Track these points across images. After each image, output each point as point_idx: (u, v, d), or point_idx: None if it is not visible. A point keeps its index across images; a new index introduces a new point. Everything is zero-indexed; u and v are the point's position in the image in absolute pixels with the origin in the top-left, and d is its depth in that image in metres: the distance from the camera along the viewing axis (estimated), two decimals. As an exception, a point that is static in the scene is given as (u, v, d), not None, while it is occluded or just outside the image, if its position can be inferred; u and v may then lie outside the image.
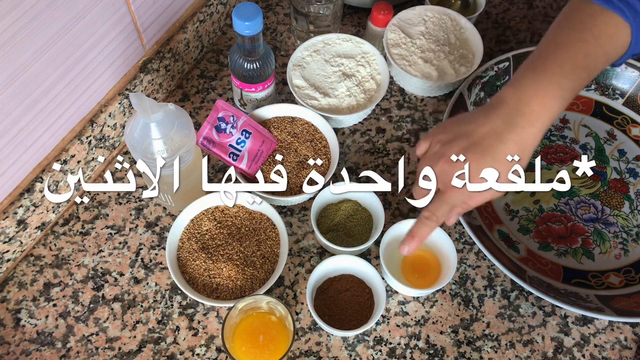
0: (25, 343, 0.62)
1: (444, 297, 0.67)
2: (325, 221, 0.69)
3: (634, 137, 0.79)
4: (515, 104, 0.52)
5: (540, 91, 0.52)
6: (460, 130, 0.54)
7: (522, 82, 0.53)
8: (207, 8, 0.79)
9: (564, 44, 0.53)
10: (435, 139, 0.55)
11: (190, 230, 0.66)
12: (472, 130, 0.53)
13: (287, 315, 0.57)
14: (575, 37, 0.53)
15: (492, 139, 0.51)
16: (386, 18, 0.79)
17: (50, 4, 0.54)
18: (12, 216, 0.61)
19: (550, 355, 0.64)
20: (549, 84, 0.52)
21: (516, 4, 0.93)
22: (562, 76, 0.52)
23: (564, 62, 0.52)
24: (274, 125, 0.73)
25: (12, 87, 0.54)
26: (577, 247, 0.71)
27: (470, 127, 0.53)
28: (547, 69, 0.52)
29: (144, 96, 0.53)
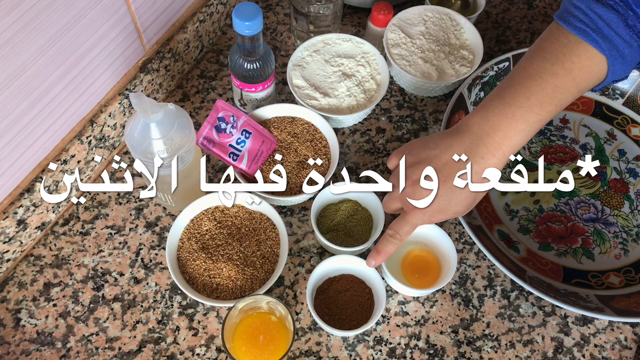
0: (25, 343, 0.62)
1: (444, 297, 0.67)
2: (325, 221, 0.69)
3: (634, 137, 0.79)
4: (478, 133, 0.53)
5: (504, 123, 0.52)
6: (424, 154, 0.55)
7: (488, 111, 0.53)
8: (207, 8, 0.79)
9: (533, 76, 0.52)
10: (402, 160, 0.57)
11: (190, 230, 0.66)
12: (435, 156, 0.54)
13: (287, 315, 0.57)
14: (545, 69, 0.51)
15: (452, 166, 0.53)
16: (386, 18, 0.79)
17: (50, 4, 0.54)
18: (12, 216, 0.61)
19: (550, 355, 0.64)
20: (513, 118, 0.51)
21: (516, 4, 0.93)
22: (528, 110, 0.51)
23: (531, 96, 0.51)
24: (274, 125, 0.73)
25: (12, 87, 0.54)
26: (577, 247, 0.71)
27: (433, 152, 0.55)
28: (514, 102, 0.52)
29: (144, 96, 0.53)
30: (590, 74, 0.52)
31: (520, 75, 0.53)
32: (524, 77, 0.52)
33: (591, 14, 0.50)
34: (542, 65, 0.52)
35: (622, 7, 0.49)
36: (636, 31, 0.49)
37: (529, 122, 0.51)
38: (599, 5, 0.49)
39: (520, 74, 0.53)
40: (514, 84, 0.53)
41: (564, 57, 0.51)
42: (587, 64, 0.51)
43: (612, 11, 0.49)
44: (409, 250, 0.68)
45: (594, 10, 0.49)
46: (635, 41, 0.50)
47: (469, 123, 0.54)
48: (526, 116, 0.51)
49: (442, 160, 0.53)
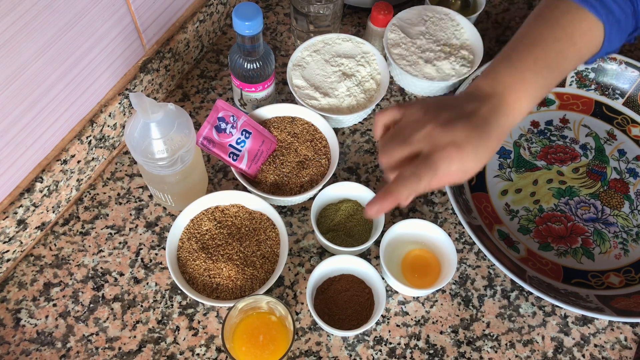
0: (25, 343, 0.62)
1: (444, 297, 0.67)
2: (325, 221, 0.69)
3: (634, 137, 0.79)
4: (492, 94, 0.52)
5: (515, 86, 0.52)
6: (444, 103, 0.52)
7: (498, 75, 0.53)
8: (207, 8, 0.79)
9: (538, 41, 0.53)
10: (415, 107, 0.52)
11: (190, 230, 0.66)
12: (457, 105, 0.52)
13: (287, 315, 0.57)
14: (548, 34, 0.53)
15: (478, 117, 0.51)
16: (386, 18, 0.79)
17: (50, 4, 0.54)
18: (12, 216, 0.61)
19: (550, 355, 0.64)
20: (524, 80, 0.52)
21: (516, 4, 0.93)
22: (537, 73, 0.52)
23: (538, 60, 0.53)
24: (274, 125, 0.73)
25: (12, 87, 0.54)
26: (577, 247, 0.71)
27: (454, 102, 0.52)
28: (522, 65, 0.53)
29: (144, 96, 0.53)
30: (590, 40, 0.54)
31: (523, 41, 0.54)
32: (528, 42, 0.54)
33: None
34: (545, 30, 0.53)
35: None
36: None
37: (537, 86, 0.52)
38: None
39: (524, 39, 0.54)
40: (518, 48, 0.54)
41: (566, 23, 0.53)
42: (587, 29, 0.53)
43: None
44: (409, 250, 0.68)
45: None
46: (629, 8, 0.53)
47: (479, 85, 0.53)
48: (535, 79, 0.52)
49: (467, 109, 0.51)
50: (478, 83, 0.54)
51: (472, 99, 0.52)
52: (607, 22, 0.53)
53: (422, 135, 0.49)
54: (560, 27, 0.53)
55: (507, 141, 0.78)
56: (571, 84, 0.82)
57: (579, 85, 0.82)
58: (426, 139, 0.49)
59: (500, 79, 0.53)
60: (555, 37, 0.53)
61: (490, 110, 0.51)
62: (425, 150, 0.49)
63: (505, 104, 0.52)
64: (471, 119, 0.50)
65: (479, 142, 0.50)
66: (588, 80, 0.81)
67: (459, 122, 0.50)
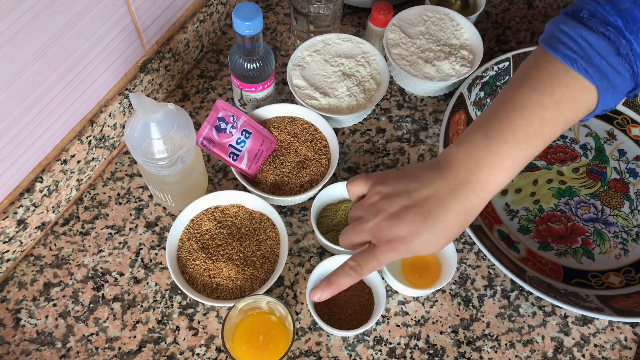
0: (25, 343, 0.62)
1: (444, 297, 0.67)
2: (325, 221, 0.69)
3: (634, 137, 0.79)
4: (462, 170, 0.48)
5: (489, 161, 0.48)
6: (402, 186, 0.50)
7: (472, 147, 0.48)
8: (207, 8, 0.79)
9: (520, 108, 0.47)
10: (375, 189, 0.52)
11: (190, 230, 0.66)
12: (415, 190, 0.49)
13: (287, 315, 0.57)
14: (533, 100, 0.47)
15: (435, 203, 0.48)
16: (386, 18, 0.79)
17: (50, 4, 0.54)
18: (12, 216, 0.61)
19: (550, 355, 0.64)
20: (499, 154, 0.47)
21: (516, 4, 0.93)
22: (515, 145, 0.47)
23: (518, 130, 0.47)
24: (274, 125, 0.73)
25: (12, 87, 0.54)
26: (577, 247, 0.71)
27: (413, 185, 0.50)
28: (499, 137, 0.47)
29: (144, 96, 0.53)
30: (580, 106, 0.48)
31: (505, 106, 0.48)
32: (509, 108, 0.48)
33: (581, 42, 0.46)
34: (530, 95, 0.47)
35: (614, 34, 0.45)
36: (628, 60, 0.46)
37: (515, 159, 0.48)
38: (589, 32, 0.45)
39: (506, 104, 0.49)
40: (499, 116, 0.48)
41: (553, 88, 0.47)
42: (577, 95, 0.47)
43: (603, 38, 0.45)
44: (409, 250, 0.68)
45: (584, 37, 0.45)
46: (627, 70, 0.46)
47: (450, 157, 0.50)
48: (512, 153, 0.47)
49: (424, 194, 0.48)
50: (450, 153, 0.50)
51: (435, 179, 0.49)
52: (600, 86, 0.46)
53: (370, 226, 0.50)
54: (547, 93, 0.47)
55: (507, 141, 0.78)
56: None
57: (579, 85, 0.81)
58: (373, 231, 0.50)
59: (474, 153, 0.48)
60: (540, 104, 0.47)
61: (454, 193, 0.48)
62: (373, 241, 0.51)
63: (475, 182, 0.48)
64: (424, 207, 0.48)
65: (429, 232, 0.48)
66: (588, 80, 0.81)
67: (409, 213, 0.48)
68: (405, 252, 0.49)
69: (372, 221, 0.50)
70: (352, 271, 0.51)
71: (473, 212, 0.49)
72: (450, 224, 0.48)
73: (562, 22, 0.47)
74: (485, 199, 0.48)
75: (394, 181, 0.51)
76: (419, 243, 0.48)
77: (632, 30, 0.45)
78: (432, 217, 0.48)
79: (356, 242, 0.53)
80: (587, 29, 0.45)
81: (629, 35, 0.45)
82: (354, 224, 0.52)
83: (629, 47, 0.45)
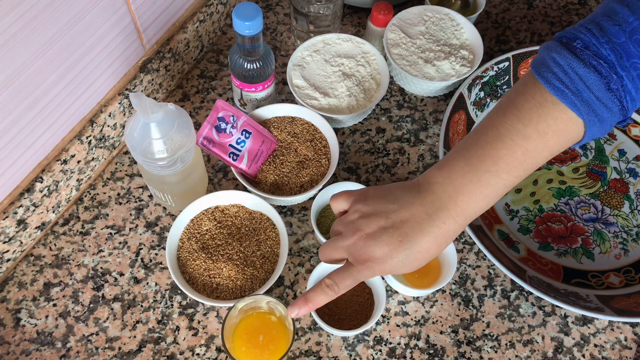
0: (25, 343, 0.62)
1: (444, 297, 0.67)
2: (325, 221, 0.69)
3: (634, 137, 0.79)
4: (441, 195, 0.49)
5: (468, 188, 0.48)
6: (381, 207, 0.51)
7: (452, 173, 0.49)
8: (207, 8, 0.79)
9: (503, 137, 0.47)
10: (355, 207, 0.52)
11: (190, 230, 0.66)
12: (394, 211, 0.50)
13: (287, 315, 0.57)
14: (517, 130, 0.47)
15: (412, 226, 0.49)
16: (386, 18, 0.79)
17: (50, 3, 0.54)
18: (12, 216, 0.61)
19: (550, 355, 0.64)
20: (479, 182, 0.48)
21: (516, 4, 0.93)
22: (495, 175, 0.47)
23: (499, 160, 0.47)
24: (274, 125, 0.73)
25: (12, 87, 0.54)
26: (577, 247, 0.71)
27: (392, 206, 0.50)
28: (480, 165, 0.48)
29: (144, 96, 0.53)
30: (565, 138, 0.47)
31: (489, 134, 0.48)
32: (493, 136, 0.48)
33: (572, 74, 0.45)
34: (514, 125, 0.47)
35: (606, 69, 0.44)
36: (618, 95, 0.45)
37: (494, 188, 0.48)
38: (580, 65, 0.45)
39: (489, 132, 0.48)
40: (481, 143, 0.48)
41: (539, 119, 0.46)
42: (563, 128, 0.46)
43: (595, 73, 0.44)
44: (409, 250, 0.68)
45: (575, 70, 0.45)
46: (616, 105, 0.46)
47: (431, 181, 0.50)
48: (492, 181, 0.47)
49: (401, 217, 0.49)
50: (431, 177, 0.50)
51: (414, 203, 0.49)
52: (587, 121, 0.46)
53: (347, 244, 0.51)
54: (533, 124, 0.46)
55: (507, 141, 0.78)
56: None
57: (579, 85, 0.81)
58: (350, 249, 0.51)
59: (454, 178, 0.48)
60: (524, 135, 0.47)
61: (431, 217, 0.48)
62: (349, 259, 0.51)
63: (453, 207, 0.48)
64: (401, 230, 0.49)
65: (404, 254, 0.49)
66: (588, 80, 0.81)
67: (385, 234, 0.49)
68: (381, 271, 0.50)
69: (349, 239, 0.51)
70: (329, 289, 0.52)
71: (449, 236, 0.49)
72: (426, 247, 0.49)
73: (555, 50, 0.46)
74: (463, 224, 0.49)
75: (373, 201, 0.51)
76: (394, 264, 0.49)
77: (624, 66, 0.44)
78: (408, 240, 0.48)
79: (333, 258, 0.53)
80: (579, 60, 0.45)
81: (621, 71, 0.44)
82: (333, 240, 0.53)
83: (620, 83, 0.45)
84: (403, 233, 0.49)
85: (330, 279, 0.52)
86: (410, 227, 0.49)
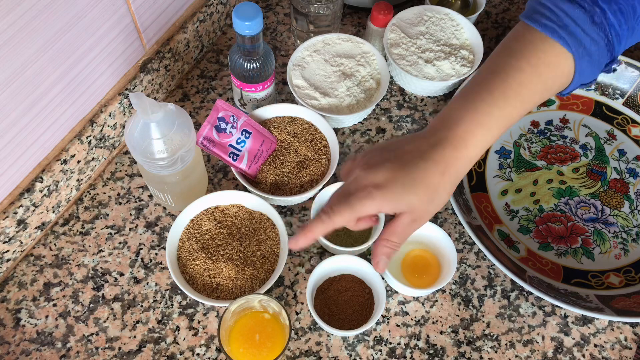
0: (25, 343, 0.62)
1: (444, 297, 0.67)
2: (325, 221, 0.69)
3: (634, 137, 0.79)
4: (441, 129, 0.50)
5: (466, 117, 0.49)
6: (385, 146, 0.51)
7: (451, 110, 0.50)
8: (207, 8, 0.79)
9: (497, 72, 0.50)
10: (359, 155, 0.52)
11: (190, 230, 0.66)
12: (397, 147, 0.50)
13: (280, 311, 0.57)
14: (510, 65, 0.50)
15: (414, 154, 0.49)
16: (386, 18, 0.79)
17: (50, 4, 0.54)
18: (12, 216, 0.61)
19: (550, 355, 0.64)
20: (476, 110, 0.49)
21: (516, 4, 0.93)
22: (491, 104, 0.49)
23: (494, 90, 0.49)
24: (274, 125, 0.73)
25: (12, 87, 0.54)
26: (577, 247, 0.71)
27: (395, 144, 0.51)
28: (476, 96, 0.50)
29: (144, 96, 0.53)
30: (557, 72, 0.50)
31: (483, 73, 0.51)
32: (487, 73, 0.51)
33: (558, 11, 0.49)
34: (507, 60, 0.50)
35: (589, 3, 0.48)
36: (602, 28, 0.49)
37: (492, 117, 0.49)
38: (565, 2, 0.49)
39: (483, 72, 0.51)
40: (477, 82, 0.51)
41: (530, 54, 0.50)
42: (554, 61, 0.50)
43: (579, 8, 0.48)
44: (409, 250, 0.68)
45: (561, 7, 0.49)
46: (602, 39, 0.49)
47: (430, 123, 0.52)
48: (489, 110, 0.49)
49: (404, 149, 0.49)
50: (431, 121, 0.52)
51: (416, 139, 0.50)
52: (576, 53, 0.49)
53: (350, 180, 0.50)
54: (524, 58, 0.50)
55: (507, 141, 0.78)
56: (571, 84, 0.82)
57: (579, 85, 0.82)
58: (352, 183, 0.50)
59: (451, 113, 0.50)
60: (518, 68, 0.49)
61: (431, 144, 0.49)
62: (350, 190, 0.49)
63: (453, 137, 0.48)
64: (403, 158, 0.48)
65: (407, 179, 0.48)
66: (588, 80, 0.81)
67: (387, 162, 0.48)
68: (380, 197, 0.47)
69: (352, 175, 0.50)
70: (325, 215, 0.49)
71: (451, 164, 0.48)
72: (429, 172, 0.48)
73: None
74: (466, 158, 0.49)
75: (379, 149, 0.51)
76: (395, 189, 0.47)
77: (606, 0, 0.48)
78: (410, 164, 0.48)
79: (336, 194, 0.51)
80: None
81: (603, 4, 0.48)
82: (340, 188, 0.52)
83: (604, 16, 0.48)
84: (405, 160, 0.48)
85: (329, 206, 0.50)
86: (412, 155, 0.49)
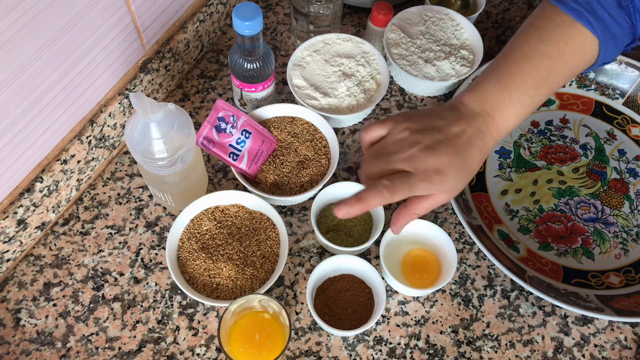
0: (25, 343, 0.62)
1: (444, 297, 0.67)
2: (325, 221, 0.69)
3: (634, 137, 0.79)
4: (479, 112, 0.52)
5: (502, 105, 0.52)
6: (432, 123, 0.52)
7: (485, 92, 0.53)
8: (207, 8, 0.79)
9: (529, 57, 0.52)
10: (401, 126, 0.53)
11: (190, 230, 0.66)
12: (445, 126, 0.52)
13: (280, 311, 0.57)
14: (541, 50, 0.52)
15: (463, 140, 0.51)
16: (386, 18, 0.79)
17: (50, 4, 0.54)
18: (12, 216, 0.61)
19: (550, 355, 0.64)
20: (511, 99, 0.52)
21: (516, 4, 0.93)
22: (524, 92, 0.52)
23: (527, 77, 0.52)
24: (274, 125, 0.73)
25: (12, 87, 0.54)
26: (577, 247, 0.71)
27: (440, 122, 0.52)
28: (511, 83, 0.52)
29: (144, 96, 0.53)
30: (582, 56, 0.52)
31: (515, 54, 0.53)
32: (519, 56, 0.52)
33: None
34: (538, 45, 0.52)
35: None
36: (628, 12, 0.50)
37: (524, 105, 0.52)
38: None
39: (516, 52, 0.53)
40: (509, 63, 0.53)
41: (558, 38, 0.51)
42: (580, 46, 0.51)
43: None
44: (409, 250, 0.68)
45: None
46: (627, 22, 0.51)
47: (465, 101, 0.53)
48: (522, 99, 0.52)
49: (453, 131, 0.51)
50: (465, 98, 0.53)
51: (459, 118, 0.52)
52: (602, 37, 0.51)
53: (405, 156, 0.51)
54: (553, 43, 0.52)
55: (507, 141, 0.78)
56: (571, 83, 0.82)
57: (579, 85, 0.82)
58: (409, 161, 0.50)
59: (488, 97, 0.52)
60: (547, 53, 0.52)
61: (476, 131, 0.52)
62: (409, 169, 0.50)
63: (491, 123, 0.52)
64: (455, 142, 0.51)
65: (461, 165, 0.51)
66: (588, 80, 0.81)
67: (443, 146, 0.50)
68: (439, 183, 0.50)
69: (407, 152, 0.50)
70: (386, 190, 0.49)
71: (487, 149, 0.53)
72: (473, 158, 0.51)
73: None
74: (497, 139, 0.53)
75: (421, 119, 0.53)
76: (453, 175, 0.50)
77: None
78: (462, 151, 0.51)
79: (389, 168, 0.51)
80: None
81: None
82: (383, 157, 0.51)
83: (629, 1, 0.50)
84: (456, 145, 0.51)
85: (390, 180, 0.49)
86: (462, 140, 0.51)
